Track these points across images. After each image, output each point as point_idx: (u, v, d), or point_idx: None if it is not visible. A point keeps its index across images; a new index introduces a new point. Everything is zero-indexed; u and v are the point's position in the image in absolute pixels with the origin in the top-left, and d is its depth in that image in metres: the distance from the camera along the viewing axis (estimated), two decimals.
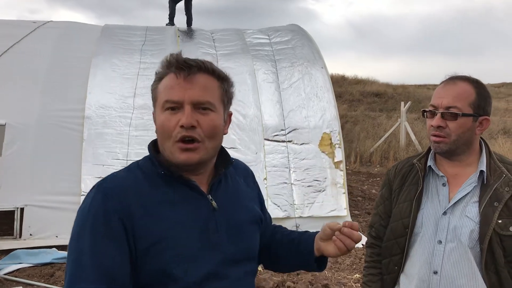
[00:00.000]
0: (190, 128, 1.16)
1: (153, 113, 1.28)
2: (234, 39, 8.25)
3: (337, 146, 6.84)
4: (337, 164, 6.73)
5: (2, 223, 6.00)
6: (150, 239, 1.13)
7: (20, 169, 5.93)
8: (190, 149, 1.18)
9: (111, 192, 1.16)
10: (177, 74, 1.19)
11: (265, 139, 6.74)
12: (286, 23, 9.34)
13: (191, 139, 1.18)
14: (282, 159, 6.64)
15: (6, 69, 6.66)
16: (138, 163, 1.28)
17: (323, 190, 6.52)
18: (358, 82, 24.93)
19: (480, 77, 1.70)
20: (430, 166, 1.77)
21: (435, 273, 1.67)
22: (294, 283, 4.55)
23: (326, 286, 4.58)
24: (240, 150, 6.55)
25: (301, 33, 8.49)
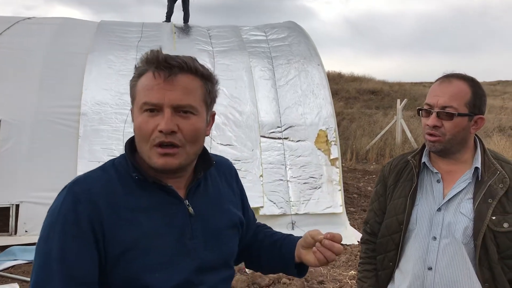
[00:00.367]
0: (170, 133, 1.10)
1: (131, 110, 1.21)
2: (230, 36, 8.23)
3: (333, 143, 6.85)
4: (333, 161, 6.74)
5: None
6: (122, 246, 1.09)
7: (15, 165, 5.91)
8: (169, 154, 1.12)
9: (82, 195, 1.10)
10: (156, 74, 1.11)
11: (261, 136, 6.74)
12: (283, 20, 9.33)
13: (171, 144, 1.11)
14: (278, 156, 6.65)
15: (1, 65, 6.62)
16: (114, 162, 1.22)
17: (319, 187, 6.54)
18: (354, 79, 24.98)
19: (476, 75, 1.70)
20: (424, 162, 1.78)
21: (430, 269, 1.68)
22: (289, 280, 4.56)
23: (321, 283, 4.60)
24: (236, 147, 6.56)
25: (297, 30, 8.49)
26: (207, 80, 1.19)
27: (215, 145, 6.50)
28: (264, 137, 6.76)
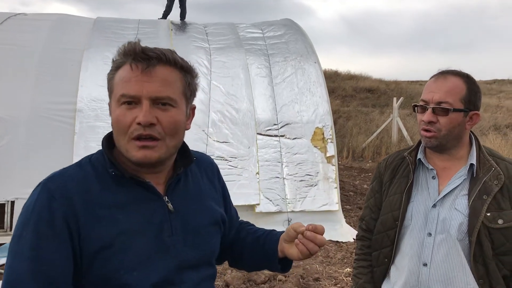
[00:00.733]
0: (149, 126, 1.07)
1: (108, 104, 1.18)
2: (227, 33, 8.22)
3: (329, 141, 6.86)
4: (329, 158, 6.75)
5: None
6: (98, 244, 1.05)
7: (11, 162, 5.88)
8: (148, 146, 1.09)
9: (57, 191, 1.06)
10: (133, 66, 1.09)
11: (257, 134, 6.74)
12: (280, 18, 9.33)
13: (150, 137, 1.09)
14: (274, 154, 6.65)
15: None
16: (90, 158, 1.18)
17: (315, 185, 6.55)
18: (351, 77, 24.99)
19: (472, 73, 1.71)
20: (420, 159, 1.78)
21: (425, 265, 1.69)
22: (285, 277, 4.57)
23: (317, 280, 4.61)
24: (232, 145, 6.55)
25: (294, 27, 8.49)
26: (187, 72, 1.17)
27: (212, 142, 6.50)
28: (260, 134, 6.76)
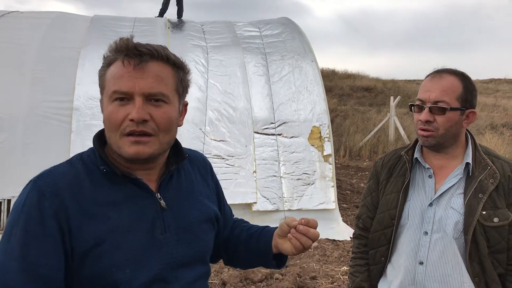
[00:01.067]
0: (142, 122, 1.07)
1: (100, 101, 1.17)
2: (224, 32, 8.21)
3: (326, 139, 6.86)
4: (326, 157, 6.76)
5: None
6: (89, 242, 1.04)
7: (7, 160, 5.87)
8: (141, 142, 1.09)
9: (48, 189, 1.05)
10: (125, 62, 1.09)
11: (254, 132, 6.74)
12: (277, 17, 9.33)
13: (143, 133, 1.09)
14: (271, 152, 6.65)
15: None
16: (81, 156, 1.18)
17: (312, 183, 6.55)
18: (348, 76, 25.01)
19: (468, 73, 1.71)
20: (416, 158, 1.79)
21: (421, 263, 1.70)
22: (282, 275, 4.57)
23: (314, 278, 4.61)
24: (229, 143, 6.55)
25: (291, 26, 8.48)
26: (179, 68, 1.17)
27: (209, 141, 6.50)
28: (257, 133, 6.76)
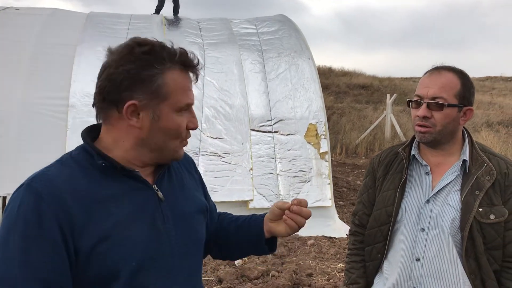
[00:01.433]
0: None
1: (141, 104, 1.12)
2: (221, 29, 8.19)
3: (322, 137, 6.87)
4: (322, 155, 6.76)
5: None
6: (94, 239, 1.04)
7: (2, 157, 5.84)
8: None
9: (45, 192, 1.03)
10: (188, 74, 1.19)
11: (251, 130, 6.74)
12: (274, 14, 9.31)
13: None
14: (268, 150, 6.65)
15: None
16: (71, 155, 1.18)
17: (309, 181, 6.56)
18: (344, 74, 25.01)
19: (465, 70, 1.72)
20: (413, 155, 1.79)
21: (418, 260, 1.70)
22: (278, 272, 4.58)
23: (310, 275, 4.62)
24: (226, 140, 6.54)
25: (288, 23, 8.47)
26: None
27: (205, 138, 6.49)
28: (254, 130, 6.76)
